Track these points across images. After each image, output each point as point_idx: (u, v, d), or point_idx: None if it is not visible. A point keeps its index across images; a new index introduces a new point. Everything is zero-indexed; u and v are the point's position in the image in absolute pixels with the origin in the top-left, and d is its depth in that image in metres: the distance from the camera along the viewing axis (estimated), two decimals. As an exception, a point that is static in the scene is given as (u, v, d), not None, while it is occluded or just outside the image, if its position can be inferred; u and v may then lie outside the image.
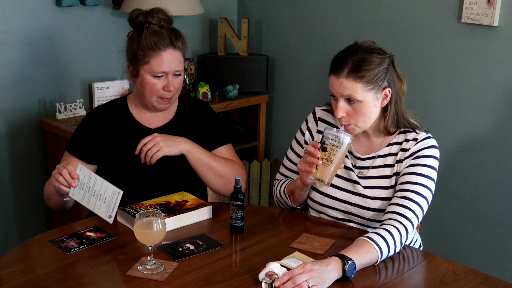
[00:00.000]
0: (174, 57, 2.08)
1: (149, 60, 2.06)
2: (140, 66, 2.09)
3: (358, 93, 1.89)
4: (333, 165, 1.87)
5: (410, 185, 1.90)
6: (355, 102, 1.90)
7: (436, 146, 1.97)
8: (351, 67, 1.89)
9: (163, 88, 2.08)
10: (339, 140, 1.86)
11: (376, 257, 1.77)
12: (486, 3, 2.66)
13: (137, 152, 2.05)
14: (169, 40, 2.07)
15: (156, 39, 2.05)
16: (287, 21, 3.55)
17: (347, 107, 1.92)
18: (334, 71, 1.92)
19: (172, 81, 2.08)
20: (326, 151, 1.87)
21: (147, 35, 2.06)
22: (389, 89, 1.94)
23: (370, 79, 1.89)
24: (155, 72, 2.06)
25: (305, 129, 2.16)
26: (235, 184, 1.92)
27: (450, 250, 2.98)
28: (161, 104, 2.13)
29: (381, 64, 1.91)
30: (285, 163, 2.21)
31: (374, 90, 1.91)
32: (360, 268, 1.73)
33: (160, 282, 1.65)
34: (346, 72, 1.89)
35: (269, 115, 3.76)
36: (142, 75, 2.09)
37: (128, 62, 2.15)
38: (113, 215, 1.87)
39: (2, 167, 3.03)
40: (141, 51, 2.06)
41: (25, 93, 3.02)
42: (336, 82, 1.91)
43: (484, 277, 1.75)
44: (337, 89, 1.91)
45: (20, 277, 1.66)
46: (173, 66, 2.08)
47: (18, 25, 2.93)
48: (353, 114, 1.92)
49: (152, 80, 2.08)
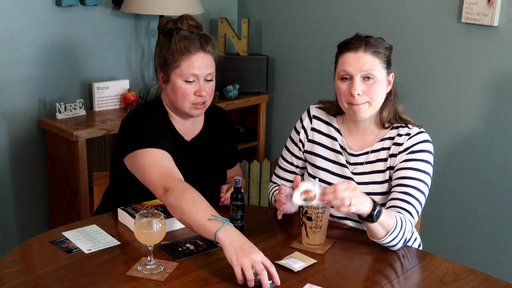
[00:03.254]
0: (205, 60, 2.06)
1: (179, 64, 2.03)
2: (170, 71, 2.06)
3: (377, 68, 1.92)
4: (322, 229, 1.85)
5: (409, 180, 1.90)
6: (371, 79, 1.92)
7: (430, 140, 1.98)
8: (369, 43, 1.92)
9: (194, 93, 2.05)
10: (320, 206, 1.81)
11: (392, 225, 1.77)
12: (486, 3, 2.66)
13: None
14: (200, 44, 2.05)
15: (186, 43, 2.03)
16: (287, 21, 3.55)
17: (362, 86, 1.92)
18: (350, 48, 1.93)
19: (204, 86, 2.06)
20: (312, 220, 1.83)
21: (177, 40, 2.04)
22: (392, 74, 1.99)
23: (385, 57, 1.94)
24: (186, 76, 2.03)
25: (300, 128, 2.16)
26: (235, 184, 1.92)
27: (450, 250, 2.98)
28: (194, 110, 2.08)
29: (389, 49, 1.98)
30: (280, 164, 2.22)
31: (386, 70, 1.96)
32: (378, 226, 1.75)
33: (160, 282, 1.65)
34: (364, 47, 1.92)
35: (269, 115, 3.76)
36: (173, 80, 2.06)
37: (158, 68, 2.11)
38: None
39: (2, 167, 3.03)
40: (171, 56, 2.04)
41: (25, 93, 3.02)
42: (353, 59, 1.92)
43: (484, 277, 1.75)
44: (355, 65, 1.91)
45: (20, 277, 1.66)
46: (204, 70, 2.05)
47: (18, 25, 2.93)
48: (369, 92, 1.92)
49: (183, 85, 2.04)
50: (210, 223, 1.72)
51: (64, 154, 2.98)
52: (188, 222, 1.78)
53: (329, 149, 2.08)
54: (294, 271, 1.72)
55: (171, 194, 1.82)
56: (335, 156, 2.07)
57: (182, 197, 1.80)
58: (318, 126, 2.12)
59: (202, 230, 1.74)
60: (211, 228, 1.71)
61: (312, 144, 2.12)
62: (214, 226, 1.71)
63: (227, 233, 1.69)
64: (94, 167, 3.17)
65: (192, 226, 1.77)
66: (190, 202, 1.79)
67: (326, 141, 2.10)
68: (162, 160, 1.96)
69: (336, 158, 2.06)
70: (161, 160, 1.95)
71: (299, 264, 1.74)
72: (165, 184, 1.87)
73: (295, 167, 2.18)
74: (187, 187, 1.84)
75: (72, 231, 1.92)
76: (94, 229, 1.94)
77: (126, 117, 2.11)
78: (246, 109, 3.70)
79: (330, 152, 2.08)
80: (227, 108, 3.44)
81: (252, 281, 1.62)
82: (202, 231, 1.74)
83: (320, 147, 2.10)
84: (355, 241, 1.91)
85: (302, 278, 1.69)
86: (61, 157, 3.01)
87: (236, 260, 1.63)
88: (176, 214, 1.81)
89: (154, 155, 1.96)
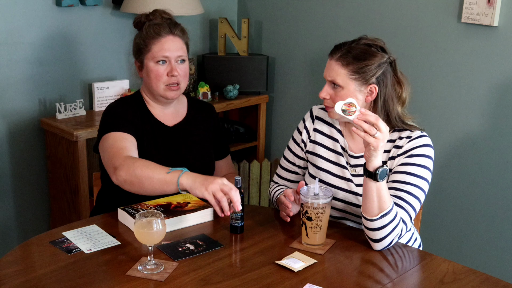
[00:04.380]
0: (176, 43, 2.15)
1: (151, 48, 2.14)
2: (143, 56, 2.16)
3: (340, 78, 1.94)
4: (322, 229, 1.85)
5: (404, 185, 1.90)
6: (337, 87, 1.95)
7: (430, 145, 1.96)
8: (344, 52, 1.95)
9: (167, 74, 2.13)
10: (320, 206, 1.82)
11: (387, 207, 1.79)
12: (486, 3, 2.66)
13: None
14: (169, 28, 2.16)
15: (156, 28, 2.15)
16: (287, 21, 3.55)
17: (330, 90, 1.98)
18: (331, 52, 1.99)
19: (176, 67, 2.14)
20: (312, 220, 1.84)
21: (147, 26, 2.17)
22: (375, 86, 1.94)
23: (357, 69, 1.93)
24: (157, 57, 2.13)
25: (302, 128, 2.16)
26: (235, 184, 1.93)
27: (450, 250, 2.98)
28: (169, 92, 2.16)
29: (375, 60, 1.93)
30: (282, 163, 2.22)
31: (359, 81, 1.94)
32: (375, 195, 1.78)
33: (160, 282, 1.65)
34: (337, 56, 1.95)
35: (269, 115, 3.76)
36: (146, 64, 2.15)
37: (134, 58, 2.22)
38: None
39: (2, 167, 3.03)
40: (143, 41, 2.16)
41: (25, 93, 3.02)
42: (328, 64, 1.99)
43: (484, 277, 1.75)
44: (326, 70, 1.99)
45: (20, 277, 1.66)
46: (174, 52, 2.13)
47: (18, 25, 2.93)
48: (334, 98, 1.96)
49: (155, 66, 2.13)
50: (170, 175, 1.85)
51: (64, 154, 2.98)
52: (148, 186, 1.88)
53: (330, 150, 2.08)
54: (294, 271, 1.72)
55: (121, 170, 1.91)
56: (336, 157, 2.07)
57: (133, 166, 1.90)
58: (320, 127, 2.12)
59: (164, 186, 1.85)
60: (172, 179, 1.84)
61: (314, 145, 2.12)
62: (174, 176, 1.84)
63: (188, 176, 1.82)
64: (94, 167, 3.17)
65: (154, 186, 1.86)
66: (143, 167, 1.89)
67: (327, 142, 2.09)
68: (118, 142, 2.03)
69: (336, 160, 2.06)
70: (117, 142, 2.03)
71: (299, 264, 1.74)
72: (114, 163, 1.95)
73: (297, 167, 2.18)
74: (136, 159, 1.95)
75: (72, 231, 1.92)
76: (94, 229, 1.94)
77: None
78: (246, 109, 3.70)
79: (331, 153, 2.08)
80: (227, 108, 3.44)
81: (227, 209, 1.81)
82: (165, 186, 1.85)
83: (322, 148, 2.10)
84: (355, 241, 1.91)
85: (302, 278, 1.69)
86: (61, 157, 3.01)
87: (206, 189, 1.77)
88: (134, 185, 1.89)
89: (113, 138, 2.05)
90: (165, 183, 1.86)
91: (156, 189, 1.88)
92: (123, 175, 1.90)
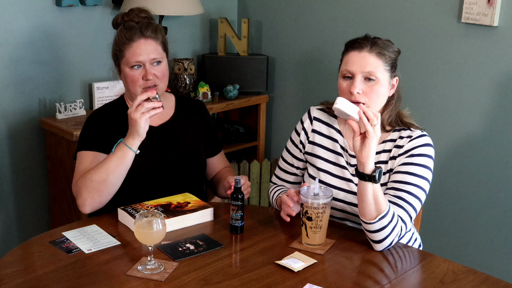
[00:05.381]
0: (147, 46, 2.12)
1: (124, 54, 2.13)
2: (120, 61, 2.16)
3: (379, 70, 1.91)
4: (322, 229, 1.85)
5: (404, 185, 1.89)
6: (373, 80, 1.91)
7: (431, 144, 1.96)
8: (376, 44, 1.92)
9: (142, 78, 2.12)
10: (320, 206, 1.82)
11: (384, 209, 1.80)
12: (486, 3, 2.66)
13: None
14: (139, 31, 2.13)
15: (126, 33, 2.13)
16: (287, 21, 3.55)
17: (363, 85, 1.91)
18: (355, 47, 1.93)
19: (150, 70, 2.12)
20: (312, 220, 1.83)
21: (119, 31, 2.16)
22: (397, 78, 1.98)
23: (389, 60, 1.93)
24: (131, 63, 2.12)
25: (300, 129, 2.15)
26: (235, 184, 1.93)
27: (450, 250, 2.98)
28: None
29: (396, 53, 1.97)
30: (280, 165, 2.22)
31: (390, 73, 1.95)
32: (371, 198, 1.79)
33: (160, 282, 1.65)
34: (370, 48, 1.91)
35: (269, 115, 3.76)
36: (123, 69, 2.16)
37: (114, 62, 2.22)
38: None
39: (2, 167, 3.03)
40: (117, 47, 2.15)
41: (25, 93, 3.02)
42: (357, 58, 1.91)
43: (484, 277, 1.75)
44: (358, 64, 1.91)
45: (20, 277, 1.66)
46: (146, 55, 2.11)
47: (18, 25, 2.93)
48: (369, 93, 1.91)
49: (130, 72, 2.13)
50: (117, 151, 2.01)
51: (64, 154, 2.98)
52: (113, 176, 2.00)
53: (330, 150, 2.08)
54: (294, 271, 1.72)
55: (75, 185, 2.05)
56: (336, 157, 2.06)
57: (86, 179, 2.01)
58: (318, 127, 2.12)
59: (122, 161, 2.00)
60: (121, 150, 2.00)
61: (312, 146, 2.11)
62: (119, 147, 2.01)
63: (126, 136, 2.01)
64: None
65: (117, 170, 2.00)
66: (95, 170, 2.01)
67: (326, 143, 2.09)
68: (80, 164, 2.11)
69: (336, 160, 2.06)
70: (80, 165, 2.11)
71: (299, 264, 1.74)
72: (75, 193, 2.07)
73: (295, 169, 2.18)
74: (86, 172, 2.04)
75: (72, 231, 1.92)
76: (94, 229, 1.94)
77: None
78: (246, 109, 3.70)
79: (330, 153, 2.08)
80: (227, 108, 3.44)
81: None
82: (123, 160, 2.00)
83: (321, 149, 2.09)
84: (355, 241, 1.91)
85: (302, 278, 1.69)
86: (61, 157, 3.01)
87: (132, 116, 1.97)
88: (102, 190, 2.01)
89: (79, 159, 2.14)
90: (120, 158, 2.00)
91: (120, 171, 2.01)
92: (80, 184, 2.02)
